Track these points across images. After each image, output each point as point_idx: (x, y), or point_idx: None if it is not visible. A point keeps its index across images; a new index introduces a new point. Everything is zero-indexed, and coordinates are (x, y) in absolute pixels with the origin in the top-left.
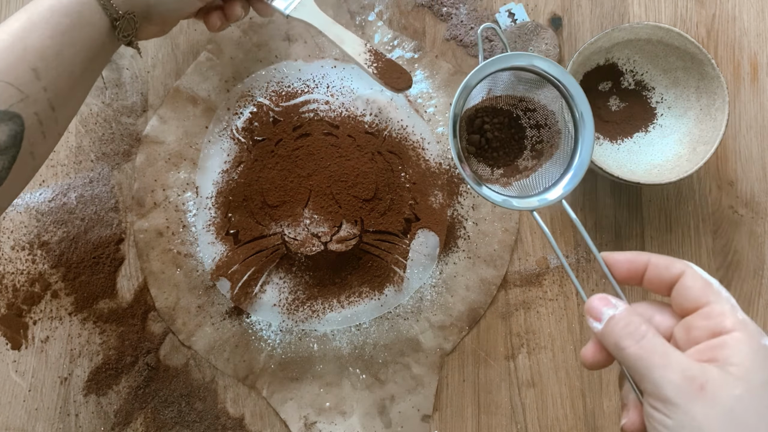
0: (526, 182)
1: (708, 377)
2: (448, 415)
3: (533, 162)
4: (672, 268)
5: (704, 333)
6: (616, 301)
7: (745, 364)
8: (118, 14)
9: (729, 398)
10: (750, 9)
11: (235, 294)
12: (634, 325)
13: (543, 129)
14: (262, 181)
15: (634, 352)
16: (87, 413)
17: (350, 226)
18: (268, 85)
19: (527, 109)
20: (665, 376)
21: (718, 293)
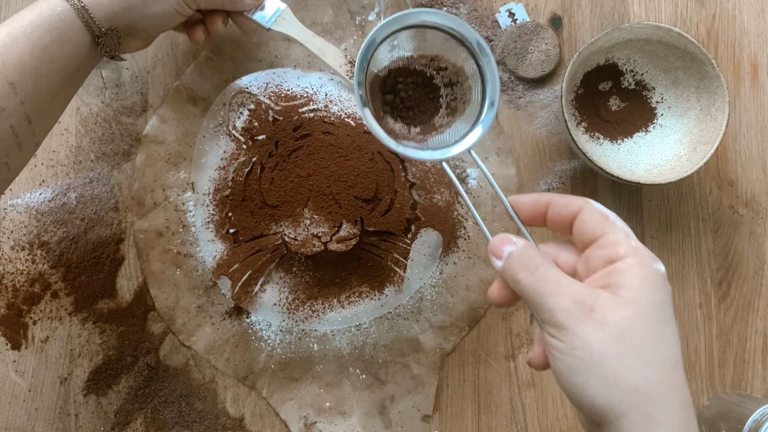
0: (441, 138)
1: (597, 300)
2: (448, 415)
3: (448, 119)
4: (571, 206)
5: (600, 262)
6: (516, 239)
7: (634, 286)
8: (101, 31)
9: (617, 319)
10: (750, 9)
11: (235, 293)
12: (529, 257)
13: (455, 86)
14: (261, 181)
15: (528, 283)
16: (87, 413)
17: (350, 226)
18: (267, 86)
19: (439, 67)
20: (557, 302)
21: (613, 224)
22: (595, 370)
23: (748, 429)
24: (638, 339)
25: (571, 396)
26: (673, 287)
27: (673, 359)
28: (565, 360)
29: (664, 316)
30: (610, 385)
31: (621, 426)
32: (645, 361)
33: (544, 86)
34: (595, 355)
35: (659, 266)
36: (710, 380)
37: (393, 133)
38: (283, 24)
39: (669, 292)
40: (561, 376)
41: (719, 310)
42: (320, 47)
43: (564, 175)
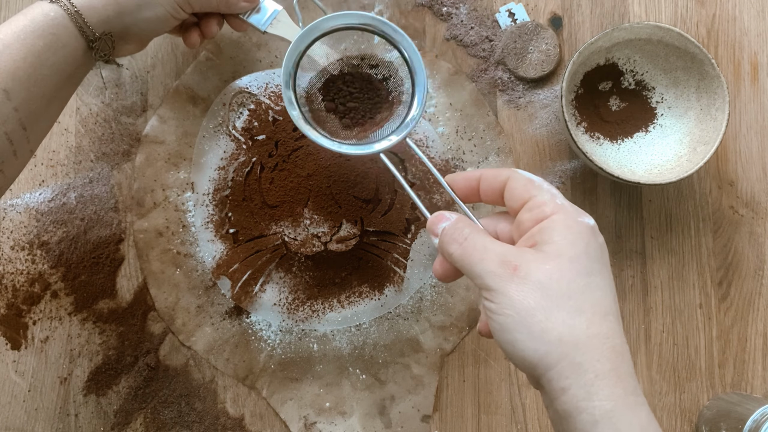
0: (382, 132)
1: (521, 259)
2: (448, 415)
3: (387, 112)
4: (500, 176)
5: (530, 224)
6: (450, 214)
7: (558, 241)
8: (95, 36)
9: (540, 273)
10: (750, 9)
11: (235, 293)
12: (458, 230)
13: (390, 80)
14: (261, 181)
15: (459, 253)
16: (87, 413)
17: (350, 226)
18: (267, 86)
19: (370, 65)
20: (484, 267)
21: (539, 187)
22: (522, 325)
23: (748, 429)
24: (562, 291)
25: (507, 353)
26: (673, 287)
27: (604, 308)
28: (497, 319)
29: (591, 266)
30: (537, 338)
31: (551, 377)
32: (569, 312)
33: (544, 86)
34: (521, 310)
35: (587, 219)
36: (710, 380)
37: (336, 134)
38: (278, 27)
39: (599, 243)
40: (496, 335)
41: (719, 310)
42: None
43: (564, 175)
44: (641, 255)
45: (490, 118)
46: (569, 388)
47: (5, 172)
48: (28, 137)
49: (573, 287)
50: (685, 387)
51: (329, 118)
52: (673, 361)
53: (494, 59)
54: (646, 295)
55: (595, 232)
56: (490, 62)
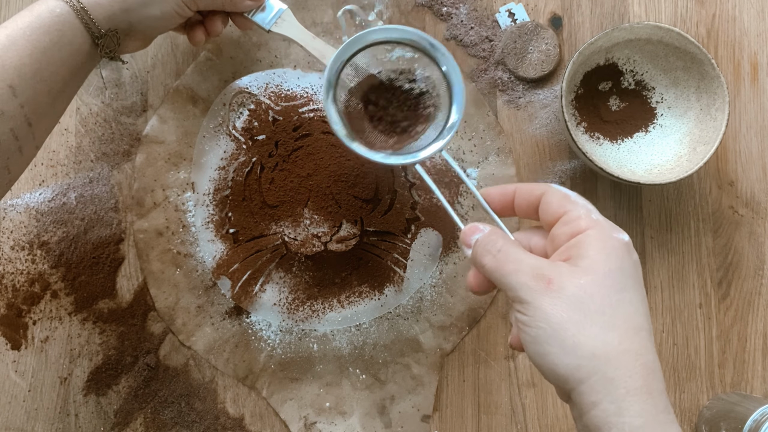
0: (416, 144)
1: (555, 272)
2: (448, 415)
3: (422, 126)
4: (535, 191)
5: (564, 237)
6: (483, 226)
7: (592, 256)
8: (101, 32)
9: (574, 287)
10: (750, 9)
11: (235, 293)
12: (491, 242)
13: (426, 95)
14: (261, 181)
15: (492, 265)
16: (87, 413)
17: (350, 226)
18: (267, 86)
19: (409, 79)
20: (518, 279)
21: (574, 202)
22: (555, 339)
23: (748, 429)
24: (595, 305)
25: (538, 366)
26: (673, 287)
27: (636, 324)
28: (530, 332)
29: (624, 282)
30: (569, 352)
31: (582, 391)
32: (602, 327)
33: (544, 86)
34: (554, 324)
35: (621, 235)
36: (710, 380)
37: (371, 143)
38: (283, 25)
39: (633, 260)
40: (528, 347)
41: (719, 310)
42: (320, 50)
43: (564, 175)
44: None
45: (490, 118)
46: (600, 402)
47: (10, 168)
48: (34, 134)
49: (606, 302)
50: (685, 387)
51: (367, 129)
52: (673, 361)
53: (494, 59)
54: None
55: (630, 248)
56: (490, 62)
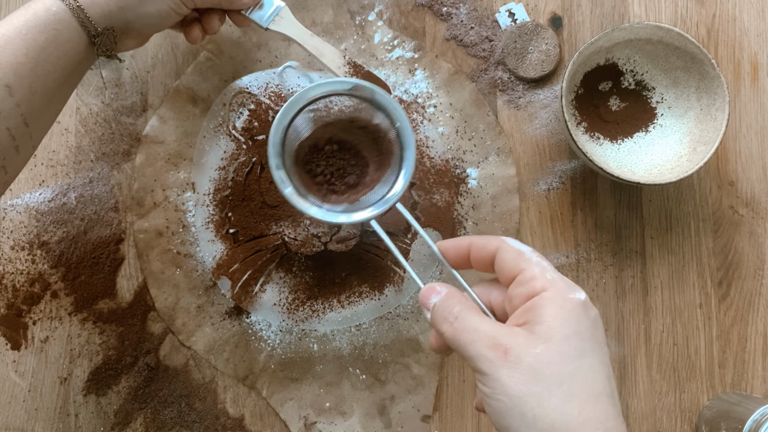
0: (372, 195)
1: (512, 341)
2: (448, 415)
3: (377, 173)
4: (489, 246)
5: (521, 299)
6: (441, 287)
7: (549, 321)
8: (97, 30)
9: (530, 357)
10: (750, 9)
11: (235, 293)
12: (448, 308)
13: (378, 142)
14: (261, 181)
15: (450, 335)
16: (87, 413)
17: (350, 226)
18: (267, 86)
19: (359, 127)
20: (476, 350)
21: (528, 260)
22: (515, 412)
23: (748, 429)
24: (553, 376)
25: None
26: (673, 287)
27: (596, 390)
28: (491, 404)
29: (582, 347)
30: (530, 425)
31: None
32: (562, 398)
33: (544, 86)
34: (513, 397)
35: (577, 294)
36: (710, 380)
37: (326, 197)
38: (281, 23)
39: (591, 320)
40: (491, 418)
41: (719, 310)
42: (318, 47)
43: (564, 175)
44: (641, 255)
45: (490, 118)
46: None
47: (7, 168)
48: (31, 133)
49: (564, 371)
50: (685, 387)
51: (318, 185)
52: (673, 361)
53: (494, 59)
54: (646, 295)
55: (587, 306)
56: (490, 62)
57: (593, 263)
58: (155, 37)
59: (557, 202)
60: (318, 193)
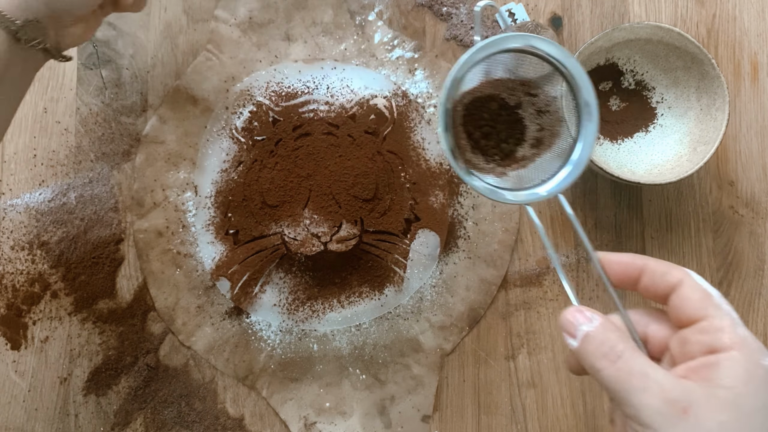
0: (523, 173)
1: (692, 400)
2: (448, 416)
3: (532, 151)
4: (669, 276)
5: (699, 348)
6: (591, 314)
7: (737, 387)
8: (17, 24)
9: (713, 423)
10: (750, 9)
11: (235, 294)
12: (609, 344)
13: (544, 116)
14: (261, 181)
15: (610, 375)
16: (87, 413)
17: (350, 226)
18: (267, 85)
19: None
20: (644, 400)
21: (718, 306)
22: None
23: None
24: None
25: None
26: None
27: None
28: None
29: None
30: None
31: None
32: None
33: None
34: None
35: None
36: None
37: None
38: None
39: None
40: None
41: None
42: None
43: None
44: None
45: None
46: None
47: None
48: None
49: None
50: None
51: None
52: None
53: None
54: None
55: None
56: None
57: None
58: (155, 37)
59: (557, 202)
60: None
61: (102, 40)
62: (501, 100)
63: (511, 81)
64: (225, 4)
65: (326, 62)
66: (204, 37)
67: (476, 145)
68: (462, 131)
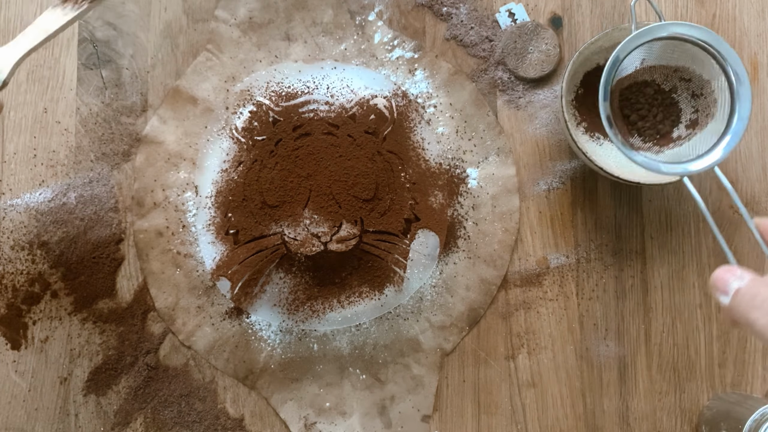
0: (678, 150)
1: None
2: (448, 415)
3: (687, 131)
4: None
5: None
6: (741, 272)
7: None
8: None
9: None
10: (750, 9)
11: (235, 294)
12: (761, 297)
13: (699, 98)
14: (261, 181)
15: (764, 324)
16: (87, 413)
17: (350, 226)
18: (267, 85)
19: (682, 78)
20: None
21: None
22: None
23: (748, 429)
24: None
25: None
26: (673, 287)
27: None
28: None
29: None
30: None
31: None
32: None
33: (544, 86)
34: None
35: None
36: (710, 380)
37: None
38: None
39: None
40: None
41: (719, 309)
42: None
43: (564, 175)
44: (641, 255)
45: (490, 118)
46: None
47: None
48: None
49: None
50: (685, 387)
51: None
52: (673, 361)
53: (494, 59)
54: (646, 295)
55: None
56: (490, 62)
57: (593, 263)
58: (155, 37)
59: (557, 202)
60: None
61: (102, 40)
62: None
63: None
64: (225, 4)
65: (326, 62)
66: (204, 37)
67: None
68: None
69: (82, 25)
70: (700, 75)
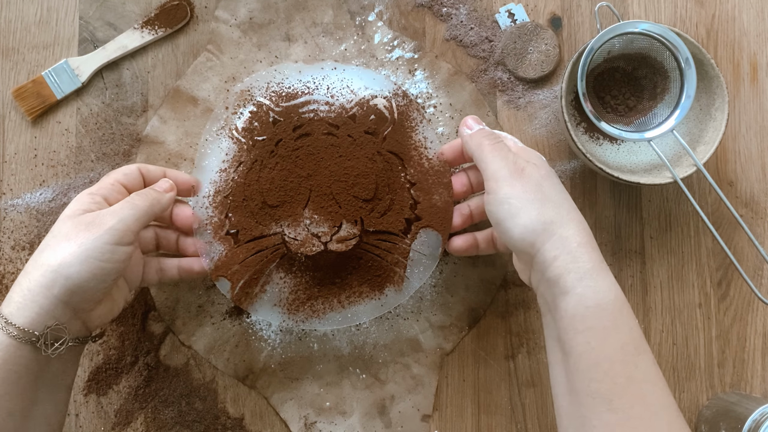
0: (644, 120)
1: (526, 165)
2: (448, 415)
3: (650, 103)
4: None
5: None
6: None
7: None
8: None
9: (536, 176)
10: (750, 9)
11: (235, 294)
12: (494, 135)
13: (657, 77)
14: (262, 181)
15: (489, 146)
16: (87, 413)
17: (350, 226)
18: (268, 86)
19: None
20: (502, 164)
21: None
22: (524, 212)
23: (748, 429)
24: (549, 190)
25: (506, 237)
26: (672, 287)
27: (573, 205)
28: (501, 208)
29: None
30: (534, 220)
31: (546, 249)
32: (554, 204)
33: (544, 86)
34: (523, 200)
35: None
36: (710, 380)
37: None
38: None
39: None
40: (498, 221)
41: (719, 310)
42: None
43: (564, 175)
44: (641, 255)
45: (490, 118)
46: (559, 256)
47: None
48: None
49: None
50: (685, 387)
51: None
52: (673, 360)
53: (494, 59)
54: (645, 295)
55: None
56: (490, 62)
57: None
58: None
59: None
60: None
61: (102, 40)
62: (622, 69)
63: (628, 55)
64: (225, 5)
65: (326, 63)
66: (204, 37)
67: (608, 105)
68: (595, 96)
69: (83, 25)
70: (655, 58)
